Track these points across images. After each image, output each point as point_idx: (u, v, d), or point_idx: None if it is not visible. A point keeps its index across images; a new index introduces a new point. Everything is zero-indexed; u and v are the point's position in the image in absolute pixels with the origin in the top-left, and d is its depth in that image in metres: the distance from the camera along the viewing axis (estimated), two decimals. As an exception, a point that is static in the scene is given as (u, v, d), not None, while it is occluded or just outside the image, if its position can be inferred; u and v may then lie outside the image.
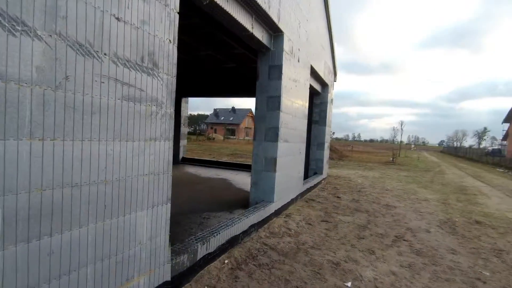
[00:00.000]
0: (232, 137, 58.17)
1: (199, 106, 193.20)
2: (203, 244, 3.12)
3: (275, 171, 5.11)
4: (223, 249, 3.56)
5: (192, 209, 5.36)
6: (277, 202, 5.31)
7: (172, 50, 2.46)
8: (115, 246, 2.08)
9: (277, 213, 5.34)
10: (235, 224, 3.81)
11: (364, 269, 3.54)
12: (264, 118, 5.21)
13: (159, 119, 2.37)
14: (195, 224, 4.50)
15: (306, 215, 5.72)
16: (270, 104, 5.15)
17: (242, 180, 8.87)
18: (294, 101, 5.77)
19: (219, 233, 3.45)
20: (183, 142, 12.85)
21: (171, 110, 2.50)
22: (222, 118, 65.64)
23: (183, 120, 12.68)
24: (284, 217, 5.42)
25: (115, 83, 1.97)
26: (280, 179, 5.32)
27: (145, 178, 2.29)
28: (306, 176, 8.96)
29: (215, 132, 57.33)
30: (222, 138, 46.59)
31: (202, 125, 79.61)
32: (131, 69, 2.08)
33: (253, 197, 5.33)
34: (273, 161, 5.12)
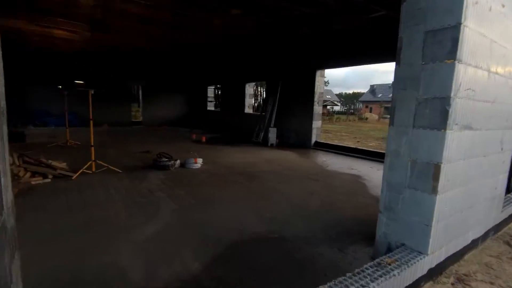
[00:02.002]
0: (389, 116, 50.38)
1: (355, 84, 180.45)
2: None
3: (436, 191, 2.39)
4: None
5: (282, 229, 3.45)
6: (437, 253, 2.58)
7: None
8: None
9: (434, 272, 2.63)
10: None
11: None
12: (416, 79, 2.50)
13: None
14: (268, 270, 2.60)
15: (504, 280, 2.66)
16: (431, 46, 2.37)
17: (383, 180, 6.04)
18: (497, 40, 2.65)
19: None
20: (316, 124, 10.81)
21: None
22: (380, 95, 57.50)
23: (317, 97, 10.58)
24: (452, 284, 2.63)
25: None
26: (448, 207, 2.54)
27: None
28: (507, 190, 5.10)
29: (370, 111, 51.14)
30: (376, 118, 40.70)
31: (358, 104, 73.91)
32: None
33: (383, 234, 2.81)
34: (433, 169, 2.40)
